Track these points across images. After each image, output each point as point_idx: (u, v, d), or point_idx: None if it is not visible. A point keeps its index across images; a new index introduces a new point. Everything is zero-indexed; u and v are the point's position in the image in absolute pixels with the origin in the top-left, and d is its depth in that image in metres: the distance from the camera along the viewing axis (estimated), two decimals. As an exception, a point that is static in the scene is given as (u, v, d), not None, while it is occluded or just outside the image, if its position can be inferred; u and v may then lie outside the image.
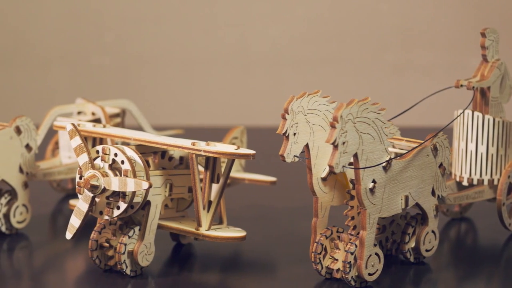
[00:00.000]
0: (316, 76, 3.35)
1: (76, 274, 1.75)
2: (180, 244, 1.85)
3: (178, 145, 1.64)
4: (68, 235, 1.65)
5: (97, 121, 2.09)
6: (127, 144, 1.69)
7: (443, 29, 3.37)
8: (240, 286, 1.68)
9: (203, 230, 1.68)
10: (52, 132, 2.11)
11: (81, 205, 1.64)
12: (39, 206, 2.08)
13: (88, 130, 1.76)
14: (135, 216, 1.69)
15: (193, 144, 1.64)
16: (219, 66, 3.35)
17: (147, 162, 1.69)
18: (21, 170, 1.89)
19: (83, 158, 1.63)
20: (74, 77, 3.40)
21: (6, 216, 1.90)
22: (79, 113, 2.16)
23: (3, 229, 1.91)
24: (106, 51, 3.40)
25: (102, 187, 1.61)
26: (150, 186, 1.58)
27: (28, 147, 1.90)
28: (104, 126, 1.79)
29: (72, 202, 1.87)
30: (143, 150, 1.69)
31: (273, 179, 1.99)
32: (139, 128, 2.16)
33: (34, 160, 1.92)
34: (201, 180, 1.67)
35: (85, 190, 1.62)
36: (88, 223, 1.67)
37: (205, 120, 3.26)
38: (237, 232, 1.69)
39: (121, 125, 2.12)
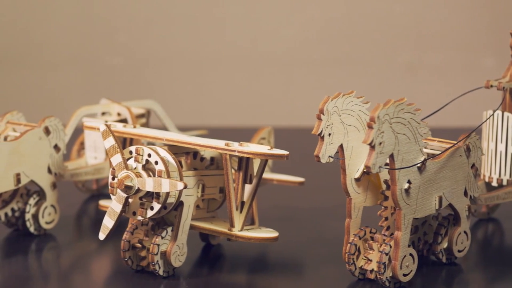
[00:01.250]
0: (330, 77, 3.35)
1: (107, 275, 1.75)
2: (210, 245, 1.85)
3: (212, 145, 1.64)
4: (101, 236, 1.65)
5: (123, 121, 2.09)
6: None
7: (456, 30, 3.37)
8: (273, 287, 1.68)
9: (235, 231, 1.67)
10: (77, 133, 2.12)
11: (114, 205, 1.63)
12: (64, 206, 2.07)
13: (119, 130, 1.76)
14: (167, 216, 1.69)
15: (227, 144, 1.63)
16: (231, 66, 3.35)
17: (180, 162, 1.68)
18: (49, 171, 1.89)
19: (117, 159, 1.63)
20: (86, 77, 3.40)
21: (35, 216, 1.90)
22: (103, 113, 2.16)
23: (32, 229, 1.91)
24: (118, 52, 3.39)
25: (136, 188, 1.61)
26: (185, 187, 1.58)
27: (56, 147, 1.89)
28: (134, 127, 1.79)
29: (102, 202, 1.87)
30: (175, 150, 1.69)
31: (301, 179, 1.99)
32: (164, 129, 2.16)
33: (62, 160, 1.92)
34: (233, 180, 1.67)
35: (119, 191, 1.62)
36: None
37: (220, 121, 3.26)
38: (269, 233, 1.69)
39: (146, 125, 2.12)
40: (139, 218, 1.64)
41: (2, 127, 1.87)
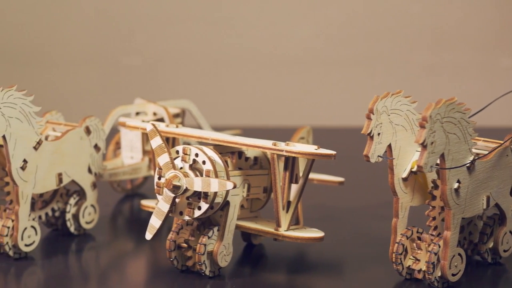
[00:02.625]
0: (348, 76, 3.35)
1: (150, 275, 1.75)
2: (251, 245, 1.85)
3: (259, 145, 1.64)
4: (148, 236, 1.64)
5: (159, 121, 2.09)
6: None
7: (474, 30, 3.37)
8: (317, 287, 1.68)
9: (282, 231, 1.67)
10: (112, 133, 2.12)
11: (161, 205, 1.63)
12: (100, 206, 2.06)
13: (164, 130, 1.75)
14: (213, 216, 1.69)
15: (274, 144, 1.63)
16: (245, 66, 3.34)
17: (226, 162, 1.68)
18: (89, 171, 1.88)
19: (164, 159, 1.62)
20: (104, 77, 3.39)
21: (75, 216, 1.90)
22: (137, 113, 2.16)
23: (72, 229, 1.90)
24: (136, 52, 3.39)
25: (184, 188, 1.60)
26: (235, 187, 1.58)
27: (96, 147, 1.89)
28: (177, 127, 1.78)
29: (144, 202, 1.87)
30: (220, 150, 1.69)
31: (341, 179, 1.99)
32: (199, 129, 2.16)
33: (102, 160, 1.92)
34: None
35: (166, 190, 1.61)
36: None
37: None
38: (315, 233, 1.68)
39: (181, 125, 2.11)
40: (186, 218, 1.64)
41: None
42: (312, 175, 1.98)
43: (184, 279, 1.68)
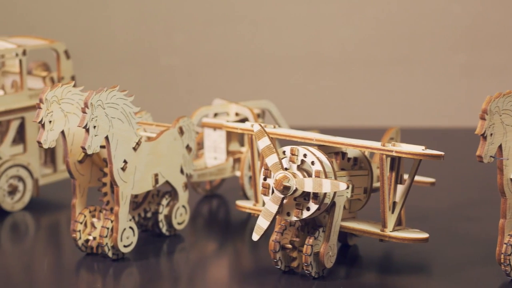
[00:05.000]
0: (387, 77, 3.34)
1: (249, 275, 1.74)
2: (347, 245, 1.84)
3: (367, 145, 1.63)
4: (255, 236, 1.64)
5: (242, 121, 2.08)
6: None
7: (513, 30, 3.36)
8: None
9: (388, 232, 1.67)
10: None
11: (269, 206, 1.62)
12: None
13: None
14: (317, 217, 1.68)
15: (383, 144, 1.62)
16: (287, 66, 3.33)
17: (331, 163, 1.67)
18: (181, 171, 1.88)
19: (273, 159, 1.62)
20: (142, 78, 3.38)
21: (168, 217, 1.89)
22: (215, 114, 2.15)
23: (164, 230, 1.90)
24: (175, 52, 3.38)
25: (294, 188, 1.60)
26: (348, 187, 1.57)
27: (188, 147, 1.88)
28: (274, 127, 1.78)
29: (239, 203, 1.86)
30: (324, 151, 1.68)
31: (432, 180, 1.98)
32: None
33: (193, 161, 1.91)
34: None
35: (276, 191, 1.61)
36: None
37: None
38: (420, 234, 1.68)
39: (262, 125, 2.10)
40: (294, 219, 1.63)
41: None
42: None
43: (287, 280, 1.68)
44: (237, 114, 2.12)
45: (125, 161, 1.73)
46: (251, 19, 3.29)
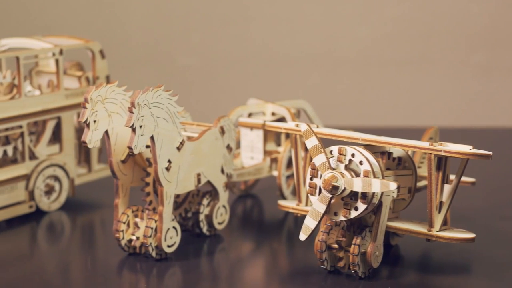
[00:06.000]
0: (404, 76, 3.34)
1: (296, 275, 1.74)
2: (389, 245, 1.83)
3: (415, 145, 1.63)
4: (303, 236, 1.64)
5: (279, 121, 2.08)
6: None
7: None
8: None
9: (435, 231, 1.66)
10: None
11: (317, 206, 1.62)
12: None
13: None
14: (363, 217, 1.68)
15: (431, 144, 1.62)
16: (303, 66, 3.32)
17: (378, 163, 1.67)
18: (222, 171, 1.87)
19: (320, 159, 1.61)
20: (159, 77, 3.38)
21: (208, 217, 1.88)
22: (250, 114, 2.15)
23: (204, 230, 1.89)
24: (192, 52, 3.38)
25: (343, 188, 1.59)
26: (398, 187, 1.57)
27: (228, 147, 1.88)
28: (317, 126, 1.77)
29: (281, 202, 1.85)
30: (370, 150, 1.68)
31: (472, 179, 1.98)
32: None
33: (233, 160, 1.91)
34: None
35: (324, 191, 1.60)
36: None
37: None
38: (466, 233, 1.67)
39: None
40: (342, 218, 1.63)
41: None
42: (442, 176, 1.97)
43: (333, 280, 1.68)
44: (273, 114, 2.12)
45: (169, 161, 1.73)
46: (267, 19, 3.29)
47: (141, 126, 1.65)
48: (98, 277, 1.74)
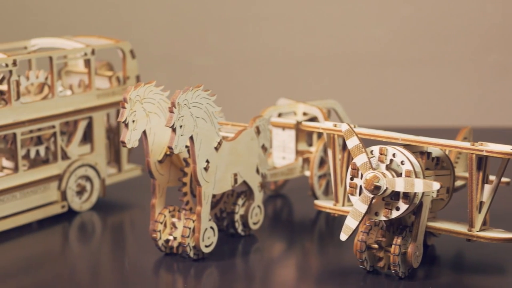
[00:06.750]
0: (419, 76, 3.33)
1: (334, 275, 1.73)
2: (425, 245, 1.83)
3: (456, 145, 1.63)
4: (343, 236, 1.63)
5: (311, 121, 2.08)
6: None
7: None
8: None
9: (475, 231, 1.66)
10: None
11: (358, 206, 1.62)
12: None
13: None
14: (403, 217, 1.68)
15: (472, 144, 1.62)
16: (320, 66, 3.33)
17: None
18: (257, 171, 1.87)
19: (362, 159, 1.61)
20: (176, 77, 3.38)
21: (244, 217, 1.88)
22: (279, 114, 2.15)
23: (239, 230, 1.89)
24: (209, 52, 3.38)
25: (384, 188, 1.59)
26: (441, 187, 1.56)
27: (263, 147, 1.88)
28: (354, 126, 1.77)
29: (317, 202, 1.85)
30: (409, 150, 1.67)
31: (507, 179, 1.97)
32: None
33: (267, 160, 1.90)
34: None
35: (365, 191, 1.60)
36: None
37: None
38: (506, 234, 1.67)
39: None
40: (383, 218, 1.62)
41: None
42: (467, 174, 1.95)
43: (372, 280, 1.68)
44: (305, 114, 2.11)
45: (207, 161, 1.73)
46: (280, 20, 3.29)
47: (181, 126, 1.65)
48: (136, 277, 1.74)
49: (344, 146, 1.75)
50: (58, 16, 3.29)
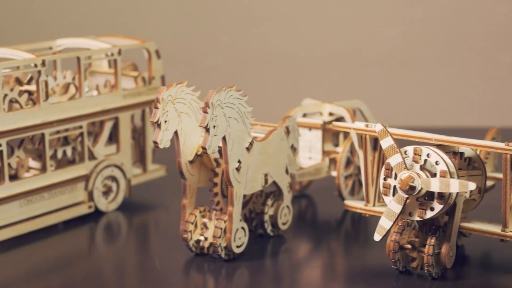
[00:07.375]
0: (433, 76, 3.33)
1: (364, 275, 1.73)
2: (456, 245, 1.82)
3: (491, 145, 1.62)
4: (377, 237, 1.63)
5: (338, 121, 2.08)
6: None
7: None
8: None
9: (509, 231, 1.66)
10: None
11: (393, 206, 1.62)
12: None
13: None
14: (437, 217, 1.67)
15: (507, 144, 1.62)
16: (334, 66, 3.32)
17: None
18: (286, 171, 1.87)
19: (396, 159, 1.61)
20: (188, 77, 3.38)
21: (273, 217, 1.88)
22: (304, 114, 2.14)
23: (268, 230, 1.89)
24: (220, 52, 3.38)
25: (419, 188, 1.59)
26: (477, 187, 1.56)
27: (292, 147, 1.87)
28: (385, 126, 1.76)
29: (347, 203, 1.85)
30: (442, 150, 1.67)
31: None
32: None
33: (296, 161, 1.90)
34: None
35: (399, 191, 1.60)
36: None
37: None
38: (539, 234, 1.67)
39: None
40: (417, 219, 1.62)
41: None
42: (495, 174, 1.95)
43: (404, 280, 1.67)
44: (331, 114, 2.11)
45: (239, 161, 1.73)
46: (296, 19, 3.29)
47: (214, 126, 1.65)
48: (167, 277, 1.74)
49: (375, 146, 1.75)
50: (74, 16, 3.29)
